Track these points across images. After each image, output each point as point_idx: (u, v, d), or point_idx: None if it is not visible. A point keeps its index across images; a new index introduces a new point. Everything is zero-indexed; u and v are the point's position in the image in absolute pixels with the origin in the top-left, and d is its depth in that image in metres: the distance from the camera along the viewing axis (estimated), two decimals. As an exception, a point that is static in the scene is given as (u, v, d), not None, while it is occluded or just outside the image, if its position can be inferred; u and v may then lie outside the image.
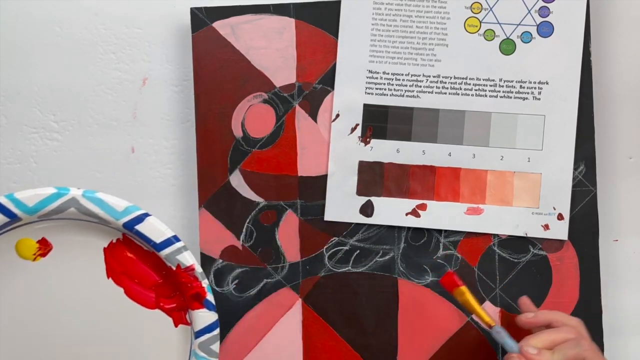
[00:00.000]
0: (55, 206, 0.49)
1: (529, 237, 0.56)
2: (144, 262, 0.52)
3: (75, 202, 0.49)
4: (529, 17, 0.55)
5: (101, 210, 0.49)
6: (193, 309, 0.51)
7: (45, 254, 0.51)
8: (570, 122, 0.56)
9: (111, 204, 0.50)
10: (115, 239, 0.52)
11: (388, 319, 0.57)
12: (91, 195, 0.49)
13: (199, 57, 0.56)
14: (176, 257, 0.50)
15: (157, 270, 0.52)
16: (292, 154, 0.57)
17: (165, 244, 0.50)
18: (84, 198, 0.49)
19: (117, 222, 0.50)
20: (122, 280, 0.52)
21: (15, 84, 0.58)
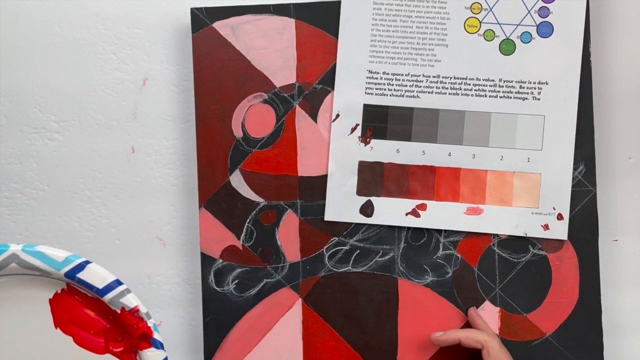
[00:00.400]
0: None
1: (528, 237, 0.56)
2: (90, 308, 0.52)
3: (16, 257, 0.50)
4: (529, 17, 0.55)
5: (42, 263, 0.50)
6: (142, 349, 0.51)
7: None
8: (570, 122, 0.56)
9: (51, 255, 0.50)
10: (60, 289, 0.52)
11: (388, 319, 0.57)
12: (30, 249, 0.50)
13: (199, 57, 0.56)
14: (120, 300, 0.51)
15: (103, 315, 0.52)
16: (292, 154, 0.57)
17: (108, 288, 0.51)
18: (23, 252, 0.50)
19: (59, 273, 0.50)
20: (70, 329, 0.52)
21: (15, 84, 0.58)
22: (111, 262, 0.58)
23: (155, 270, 0.58)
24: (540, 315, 0.56)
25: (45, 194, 0.59)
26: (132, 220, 0.59)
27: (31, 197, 0.59)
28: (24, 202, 0.59)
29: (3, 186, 0.59)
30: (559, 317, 0.56)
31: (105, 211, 0.59)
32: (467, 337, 0.53)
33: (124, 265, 0.58)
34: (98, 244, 0.59)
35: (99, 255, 0.58)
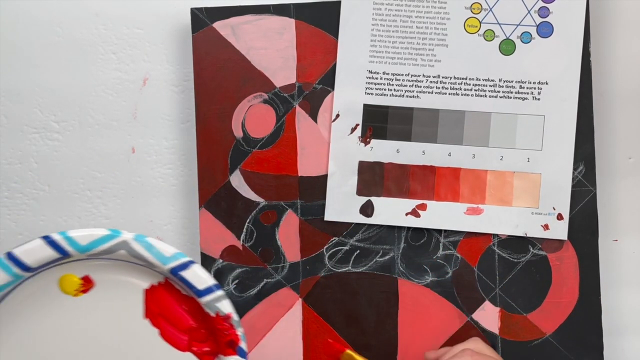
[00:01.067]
0: (107, 247, 0.50)
1: (528, 237, 0.56)
2: (181, 305, 0.53)
3: (126, 244, 0.50)
4: (529, 17, 0.55)
5: (150, 255, 0.50)
6: (226, 355, 0.52)
7: (86, 290, 0.52)
8: (570, 122, 0.56)
9: (160, 249, 0.50)
10: (157, 281, 0.53)
11: (388, 319, 0.57)
12: (142, 240, 0.50)
13: (199, 57, 0.56)
14: (215, 304, 0.51)
15: (192, 315, 0.53)
16: (292, 154, 0.57)
17: (207, 291, 0.51)
18: (135, 241, 0.50)
19: (164, 267, 0.50)
20: (159, 322, 0.53)
21: (16, 85, 0.58)
22: (111, 262, 0.58)
23: (155, 270, 0.58)
24: (540, 315, 0.56)
25: (45, 194, 0.59)
26: (132, 220, 0.59)
27: (31, 197, 0.59)
28: (24, 202, 0.59)
29: (3, 186, 0.59)
30: (559, 317, 0.56)
31: (105, 211, 0.59)
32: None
33: (124, 265, 0.58)
34: (98, 244, 0.59)
35: (99, 255, 0.59)
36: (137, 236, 0.50)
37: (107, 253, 0.50)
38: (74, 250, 0.50)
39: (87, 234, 0.50)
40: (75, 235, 0.50)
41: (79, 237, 0.50)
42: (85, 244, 0.50)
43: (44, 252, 0.49)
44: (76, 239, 0.50)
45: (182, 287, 0.52)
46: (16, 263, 0.49)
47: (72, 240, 0.49)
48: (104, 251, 0.50)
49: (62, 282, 0.52)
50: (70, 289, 0.52)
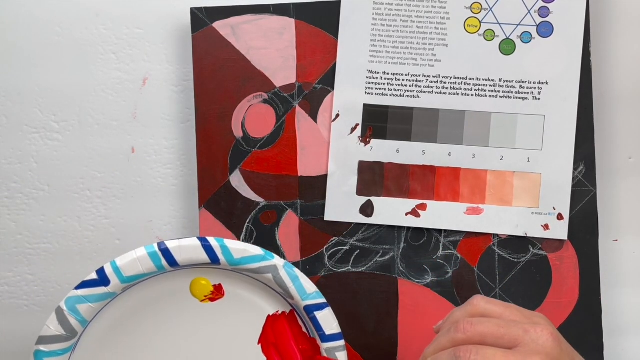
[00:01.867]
0: (256, 267, 0.49)
1: (528, 237, 0.56)
2: (296, 342, 0.52)
3: (275, 269, 0.49)
4: (529, 17, 0.55)
5: (293, 286, 0.49)
6: None
7: (215, 299, 0.51)
8: (570, 122, 0.56)
9: (303, 284, 0.50)
10: (282, 310, 0.52)
11: (388, 319, 0.57)
12: (290, 270, 0.49)
13: (199, 57, 0.56)
14: (335, 353, 0.50)
15: (303, 355, 0.52)
16: (292, 154, 0.57)
17: (332, 337, 0.50)
18: (283, 269, 0.49)
19: (301, 302, 0.50)
20: (270, 351, 0.52)
21: (15, 84, 0.58)
22: (111, 262, 0.58)
23: (155, 270, 0.58)
24: (540, 315, 0.56)
25: (45, 194, 0.59)
26: (132, 220, 0.59)
27: (31, 197, 0.59)
28: (24, 202, 0.59)
29: (3, 186, 0.59)
30: (559, 317, 0.56)
31: (105, 211, 0.59)
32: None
33: (124, 265, 0.58)
34: (98, 244, 0.59)
35: (99, 255, 0.58)
36: (286, 265, 0.49)
37: (253, 272, 0.49)
38: (225, 261, 0.49)
39: (242, 249, 0.49)
40: (231, 246, 0.48)
41: (235, 249, 0.48)
42: (238, 258, 0.49)
43: (197, 253, 0.48)
44: (232, 251, 0.48)
45: (308, 324, 0.51)
46: (166, 256, 0.48)
47: (228, 250, 0.48)
48: (252, 270, 0.49)
49: (194, 284, 0.51)
50: (200, 293, 0.51)
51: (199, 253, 0.48)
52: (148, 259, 0.48)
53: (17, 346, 0.59)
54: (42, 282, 0.59)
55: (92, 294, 0.47)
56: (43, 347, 0.47)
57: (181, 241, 0.48)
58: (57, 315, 0.47)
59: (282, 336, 0.52)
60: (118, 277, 0.47)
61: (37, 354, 0.47)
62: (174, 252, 0.48)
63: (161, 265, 0.48)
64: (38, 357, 0.47)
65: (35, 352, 0.47)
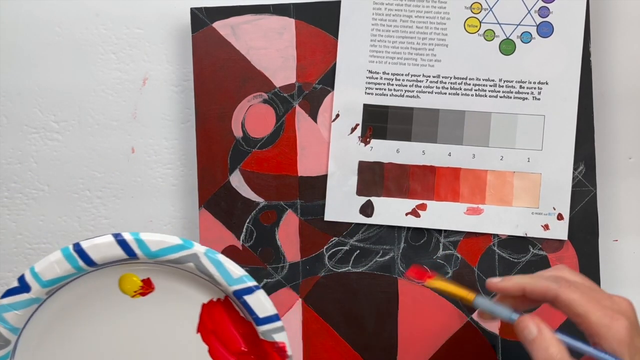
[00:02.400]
0: (176, 257, 0.49)
1: (528, 237, 0.56)
2: (236, 327, 0.52)
3: (196, 258, 0.49)
4: (529, 17, 0.55)
5: (217, 272, 0.49)
6: None
7: (145, 294, 0.51)
8: (570, 122, 0.56)
9: (228, 268, 0.49)
10: (217, 297, 0.52)
11: (388, 319, 0.57)
12: (212, 256, 0.49)
13: (199, 57, 0.56)
14: (272, 335, 0.50)
15: (245, 339, 0.52)
16: (292, 154, 0.57)
17: (267, 320, 0.50)
18: (205, 256, 0.49)
19: (229, 288, 0.50)
20: (210, 339, 0.52)
21: (15, 84, 0.58)
22: (111, 262, 0.58)
23: (155, 270, 0.58)
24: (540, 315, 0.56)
25: (45, 194, 0.59)
26: (132, 220, 0.59)
27: (31, 197, 0.59)
28: (24, 202, 0.59)
29: (3, 186, 0.59)
30: (559, 317, 0.56)
31: (105, 211, 0.59)
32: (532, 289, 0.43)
33: (124, 265, 0.58)
34: (98, 244, 0.59)
35: (99, 255, 0.58)
36: (208, 251, 0.49)
37: (174, 263, 0.49)
38: (143, 254, 0.49)
39: (159, 240, 0.49)
40: (147, 239, 0.49)
41: (151, 241, 0.49)
42: (155, 250, 0.49)
43: (112, 250, 0.48)
44: (147, 243, 0.49)
45: (242, 310, 0.51)
46: (82, 256, 0.48)
47: (143, 243, 0.49)
48: (172, 260, 0.49)
49: (122, 281, 0.51)
50: (129, 289, 0.51)
51: (115, 249, 0.48)
52: (65, 261, 0.48)
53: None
54: None
55: (16, 302, 0.48)
56: None
57: (95, 240, 0.48)
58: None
59: (220, 323, 0.52)
60: (38, 282, 0.48)
61: None
62: (89, 252, 0.48)
63: (79, 266, 0.48)
64: None
65: None
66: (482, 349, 0.56)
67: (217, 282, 0.50)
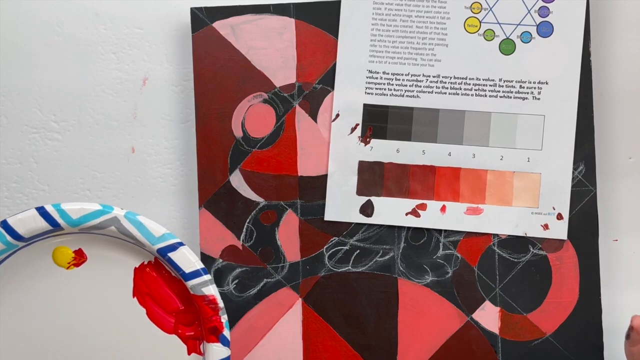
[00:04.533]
0: (97, 222, 0.51)
1: (528, 237, 0.56)
2: (170, 287, 0.53)
3: (117, 221, 0.51)
4: (529, 17, 0.55)
5: (139, 233, 0.51)
6: (209, 342, 0.52)
7: (79, 264, 0.53)
8: (570, 122, 0.56)
9: (150, 228, 0.51)
10: (147, 260, 0.53)
11: (388, 319, 0.57)
12: (132, 217, 0.51)
13: (199, 57, 0.56)
14: (201, 289, 0.51)
15: (180, 297, 0.53)
16: (292, 154, 0.57)
17: (194, 275, 0.51)
18: (125, 218, 0.51)
19: (152, 247, 0.51)
20: (146, 302, 0.53)
21: (15, 84, 0.58)
22: (111, 262, 0.58)
23: (155, 270, 0.58)
24: (540, 315, 0.56)
25: (45, 194, 0.59)
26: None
27: (31, 197, 0.59)
28: (24, 202, 0.59)
29: (3, 186, 0.59)
30: (559, 317, 0.56)
31: (105, 211, 0.59)
32: None
33: (124, 265, 0.58)
34: (98, 243, 0.59)
35: (99, 255, 0.59)
36: (128, 213, 0.51)
37: (97, 228, 0.51)
38: (65, 223, 0.50)
39: (79, 208, 0.50)
40: (67, 208, 0.50)
41: (71, 210, 0.50)
42: (77, 218, 0.50)
43: (36, 222, 0.50)
44: (68, 212, 0.50)
45: (171, 268, 0.52)
46: (9, 231, 0.50)
47: (64, 212, 0.50)
48: (95, 226, 0.51)
49: (55, 254, 0.53)
50: (63, 261, 0.53)
51: (39, 221, 0.50)
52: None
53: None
54: None
55: None
56: None
57: (20, 214, 0.50)
58: None
59: (153, 285, 0.53)
60: None
61: None
62: (14, 226, 0.50)
63: (7, 241, 0.50)
64: None
65: None
66: (482, 349, 0.57)
67: (141, 243, 0.51)
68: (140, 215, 0.51)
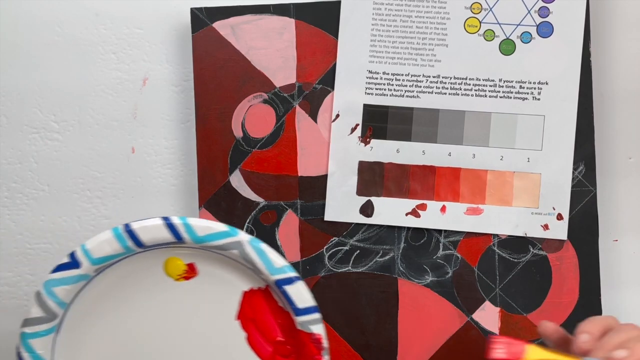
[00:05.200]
0: (221, 243, 0.50)
1: (528, 237, 0.56)
2: (274, 316, 0.52)
3: (240, 245, 0.50)
4: (529, 17, 0.55)
5: (260, 261, 0.50)
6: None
7: (189, 278, 0.52)
8: (570, 122, 0.56)
9: (271, 258, 0.50)
10: (258, 286, 0.52)
11: (388, 319, 0.57)
12: (256, 245, 0.50)
13: (199, 57, 0.56)
14: (310, 326, 0.50)
15: (282, 328, 0.52)
16: (292, 154, 0.57)
17: (305, 311, 0.50)
18: (249, 244, 0.50)
19: (270, 277, 0.50)
20: (249, 326, 0.52)
21: (16, 84, 0.58)
22: (111, 262, 0.58)
23: (155, 270, 0.58)
24: (540, 315, 0.56)
25: (45, 194, 0.59)
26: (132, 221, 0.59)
27: (31, 197, 0.59)
28: (23, 202, 0.59)
29: (3, 186, 0.59)
30: (559, 317, 0.56)
31: (105, 211, 0.59)
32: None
33: (124, 265, 0.58)
34: (98, 244, 0.59)
35: (99, 255, 0.58)
36: (253, 240, 0.50)
37: (218, 249, 0.50)
38: (189, 238, 0.49)
39: (206, 226, 0.50)
40: (194, 224, 0.50)
41: (198, 226, 0.49)
42: (202, 235, 0.49)
43: (161, 232, 0.49)
44: (195, 228, 0.49)
45: (282, 299, 0.51)
46: (132, 237, 0.49)
47: (191, 228, 0.49)
48: (217, 246, 0.50)
49: (167, 264, 0.52)
50: (173, 272, 0.52)
51: (163, 232, 0.49)
52: (115, 240, 0.49)
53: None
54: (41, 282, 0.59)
55: (66, 277, 0.49)
56: (27, 329, 0.50)
57: (145, 221, 0.49)
58: (37, 299, 0.49)
59: (259, 311, 0.52)
60: (88, 259, 0.49)
61: (23, 336, 0.50)
62: (138, 233, 0.49)
63: (127, 246, 0.49)
64: (24, 339, 0.50)
65: (21, 334, 0.50)
66: (482, 349, 0.56)
67: (259, 270, 0.50)
68: (263, 243, 0.50)
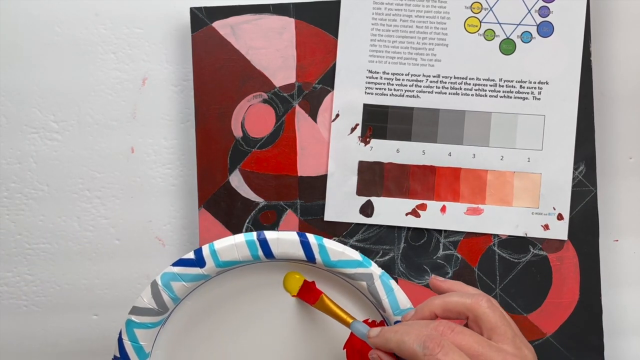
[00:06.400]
0: (352, 272, 0.49)
1: (528, 237, 0.56)
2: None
3: (370, 278, 0.49)
4: (529, 17, 0.55)
5: (386, 299, 0.49)
6: None
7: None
8: (570, 122, 0.56)
9: (398, 298, 0.49)
10: (372, 319, 0.51)
11: (388, 319, 0.57)
12: (386, 281, 0.49)
13: (199, 57, 0.56)
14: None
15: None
16: (292, 154, 0.57)
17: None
18: (379, 279, 0.49)
19: (392, 316, 0.49)
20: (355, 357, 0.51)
21: (15, 84, 0.58)
22: (110, 262, 0.58)
23: (154, 271, 0.58)
24: (540, 315, 0.56)
25: (44, 194, 0.59)
26: (131, 221, 0.59)
27: (30, 197, 0.59)
28: (23, 202, 0.59)
29: (3, 186, 0.59)
30: (559, 318, 0.56)
31: (105, 211, 0.59)
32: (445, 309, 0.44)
33: (123, 265, 0.58)
34: (97, 244, 0.58)
35: (99, 255, 0.58)
36: (384, 275, 0.49)
37: (347, 276, 0.49)
38: (321, 260, 0.48)
39: (341, 251, 0.48)
40: (329, 246, 0.48)
41: (333, 250, 0.48)
42: (334, 260, 0.48)
43: (294, 248, 0.48)
44: (329, 251, 0.48)
45: None
46: (263, 247, 0.48)
47: (325, 250, 0.48)
48: (346, 274, 0.49)
49: (287, 278, 0.51)
50: (293, 287, 0.51)
51: (296, 249, 0.48)
52: (245, 246, 0.48)
53: (17, 346, 0.59)
54: (41, 282, 0.59)
55: (186, 273, 0.48)
56: (135, 318, 0.48)
57: (280, 234, 0.48)
58: (152, 289, 0.48)
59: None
60: (214, 260, 0.48)
61: (129, 323, 0.48)
62: (271, 244, 0.48)
63: (257, 254, 0.48)
64: (129, 326, 0.48)
65: (127, 321, 0.48)
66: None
67: (383, 307, 0.49)
68: (392, 279, 0.49)
